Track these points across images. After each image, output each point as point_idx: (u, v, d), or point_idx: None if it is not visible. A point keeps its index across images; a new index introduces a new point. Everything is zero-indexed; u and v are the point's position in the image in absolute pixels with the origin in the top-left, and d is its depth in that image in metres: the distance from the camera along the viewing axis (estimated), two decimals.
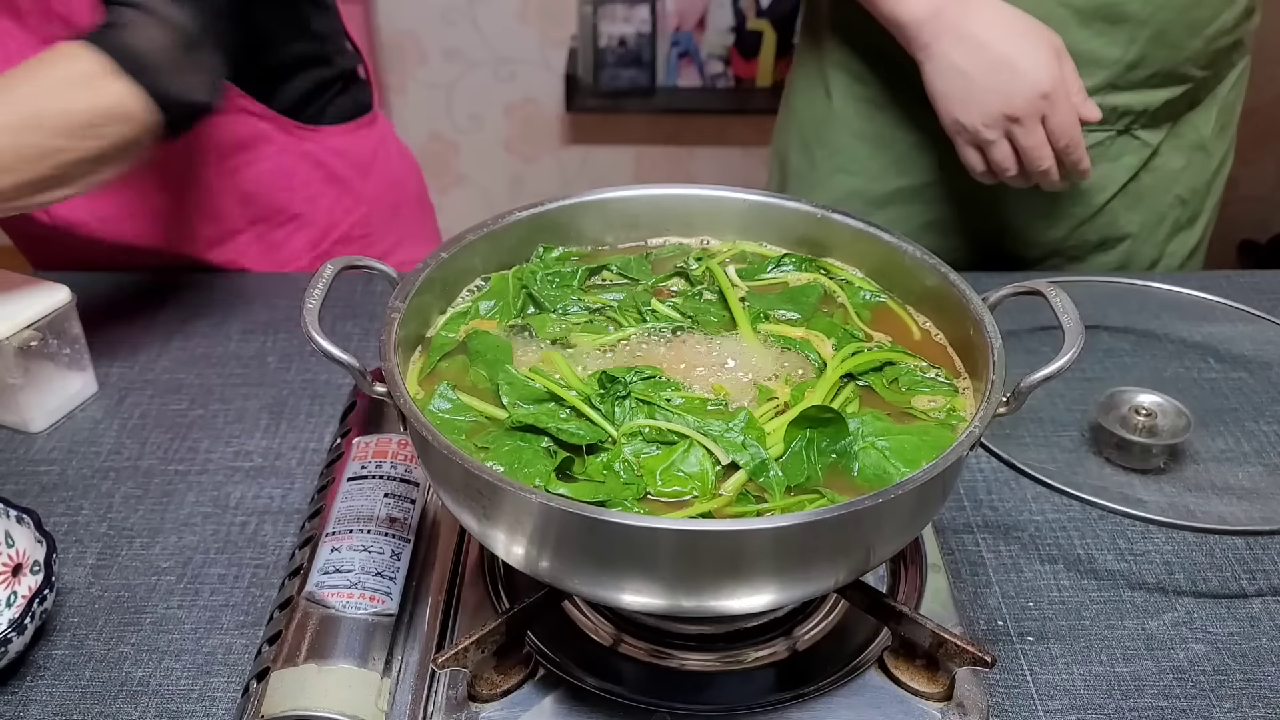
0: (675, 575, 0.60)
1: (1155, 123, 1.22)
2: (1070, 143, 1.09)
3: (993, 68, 1.06)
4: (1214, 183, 1.32)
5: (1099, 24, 1.13)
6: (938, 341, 0.77)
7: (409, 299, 0.71)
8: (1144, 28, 1.13)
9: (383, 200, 1.32)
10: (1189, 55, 1.16)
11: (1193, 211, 1.31)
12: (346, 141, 1.28)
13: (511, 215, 0.81)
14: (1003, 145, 1.09)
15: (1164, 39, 1.14)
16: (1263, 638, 0.79)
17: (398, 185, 1.36)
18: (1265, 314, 1.05)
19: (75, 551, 0.86)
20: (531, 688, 0.69)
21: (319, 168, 1.25)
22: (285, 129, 1.21)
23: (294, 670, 0.68)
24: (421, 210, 1.42)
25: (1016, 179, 1.13)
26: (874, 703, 0.68)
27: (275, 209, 1.24)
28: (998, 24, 1.08)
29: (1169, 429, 0.94)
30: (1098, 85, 1.16)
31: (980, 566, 0.85)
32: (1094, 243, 1.29)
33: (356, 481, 0.81)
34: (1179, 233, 1.31)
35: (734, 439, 0.65)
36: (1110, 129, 1.20)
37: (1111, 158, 1.22)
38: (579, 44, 2.60)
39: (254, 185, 1.21)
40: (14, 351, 0.94)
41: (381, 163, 1.33)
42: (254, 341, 1.11)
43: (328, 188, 1.27)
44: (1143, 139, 1.22)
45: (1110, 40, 1.14)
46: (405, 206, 1.37)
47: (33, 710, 0.74)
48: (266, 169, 1.21)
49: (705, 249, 0.85)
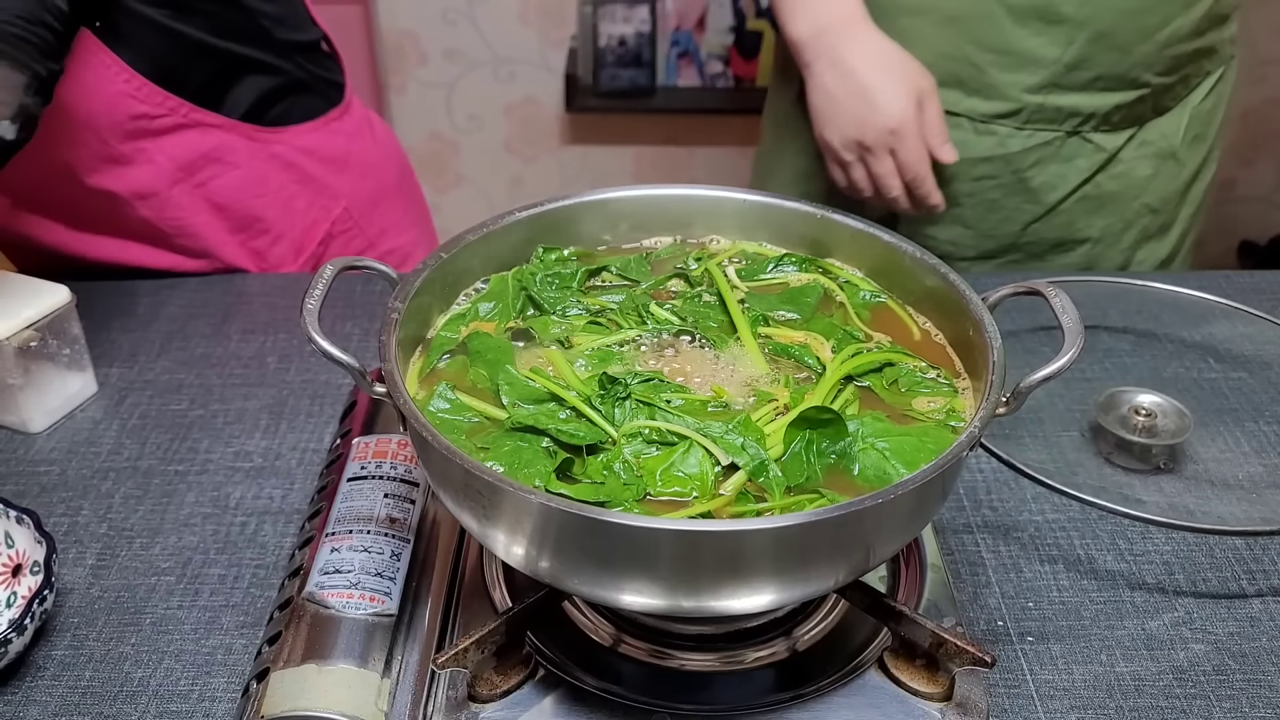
0: (675, 575, 0.60)
1: (1111, 127, 1.22)
2: (915, 178, 1.15)
3: (854, 96, 1.12)
4: (1189, 193, 1.32)
5: (1035, 23, 1.14)
6: (937, 342, 0.77)
7: (409, 300, 0.71)
8: (1082, 29, 1.14)
9: (361, 192, 1.30)
10: (1140, 60, 1.16)
11: (1164, 221, 1.31)
12: (316, 139, 1.25)
13: (511, 215, 0.81)
14: (858, 168, 1.17)
15: (1107, 41, 1.14)
16: (1263, 638, 0.79)
17: (376, 174, 1.32)
18: (1265, 314, 1.04)
19: (75, 552, 0.86)
20: (531, 688, 0.69)
21: (289, 169, 1.22)
22: (247, 135, 1.18)
23: (294, 670, 0.68)
24: (404, 195, 1.39)
25: (873, 200, 1.19)
26: (874, 703, 0.68)
27: (252, 217, 1.22)
28: (870, 57, 1.14)
29: (1169, 429, 0.94)
30: (1039, 84, 1.17)
31: (980, 566, 0.85)
32: (1051, 241, 1.29)
33: (356, 482, 0.81)
34: (1148, 241, 1.32)
35: (733, 440, 0.65)
36: (1057, 129, 1.21)
37: (1063, 159, 1.23)
38: (579, 44, 2.60)
39: (225, 196, 1.19)
40: (14, 351, 0.94)
41: (357, 155, 1.30)
42: (254, 341, 1.11)
43: (302, 189, 1.24)
44: (1096, 142, 1.23)
45: (1049, 40, 1.14)
46: (386, 195, 1.34)
47: (33, 710, 0.74)
48: (235, 178, 1.18)
49: (705, 249, 0.85)
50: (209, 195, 1.18)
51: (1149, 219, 1.30)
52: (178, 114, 1.11)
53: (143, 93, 1.07)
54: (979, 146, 1.23)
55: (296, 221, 1.25)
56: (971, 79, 1.19)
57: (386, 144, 1.37)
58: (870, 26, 1.16)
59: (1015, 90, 1.18)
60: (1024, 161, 1.23)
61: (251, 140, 1.18)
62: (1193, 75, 1.24)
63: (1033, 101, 1.19)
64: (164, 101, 1.09)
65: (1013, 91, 1.18)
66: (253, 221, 1.22)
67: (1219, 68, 1.27)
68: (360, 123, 1.32)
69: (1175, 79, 1.22)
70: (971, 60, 1.18)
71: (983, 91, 1.20)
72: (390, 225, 1.35)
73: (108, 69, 1.04)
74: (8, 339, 0.93)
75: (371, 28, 2.58)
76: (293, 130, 1.22)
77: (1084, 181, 1.25)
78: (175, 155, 1.13)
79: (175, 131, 1.12)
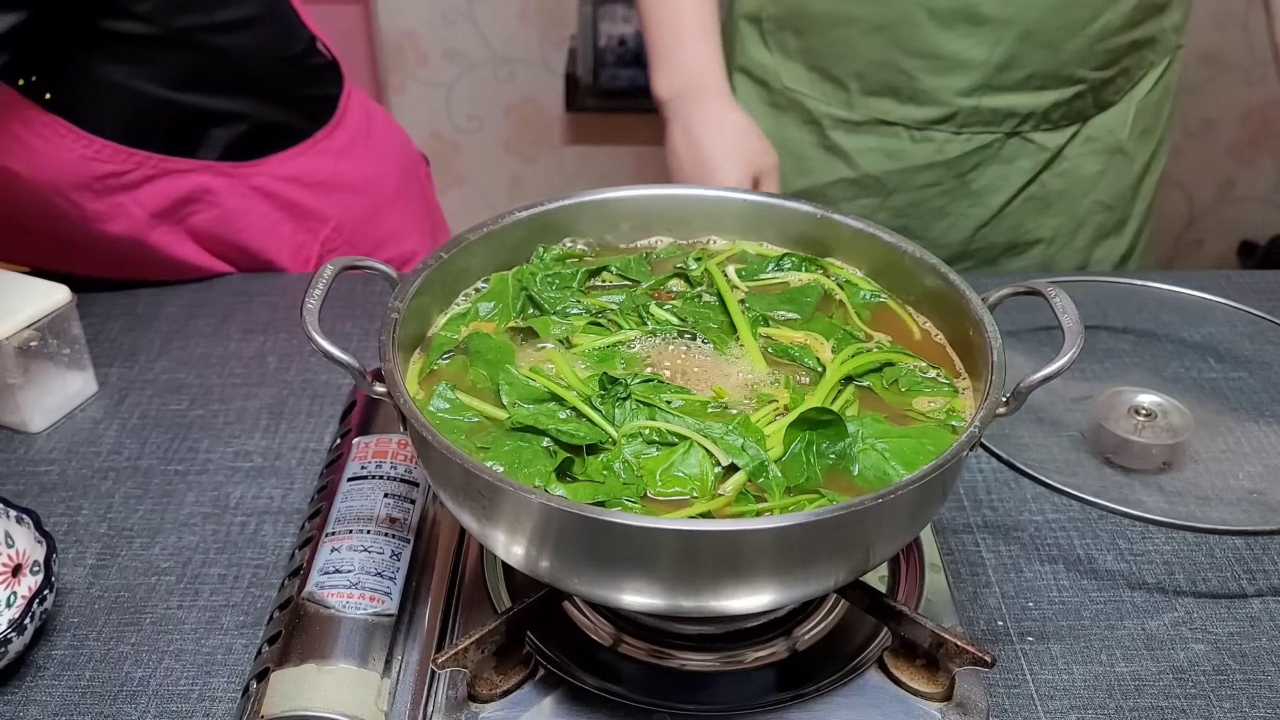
0: (675, 575, 0.60)
1: (1051, 125, 1.21)
2: None
3: (696, 163, 1.14)
4: (1141, 187, 1.31)
5: (960, 25, 1.13)
6: (937, 342, 0.77)
7: (409, 299, 0.71)
8: (1007, 28, 1.13)
9: (353, 210, 1.25)
10: (1072, 56, 1.16)
11: (1119, 217, 1.31)
12: (299, 165, 1.20)
13: (511, 215, 0.81)
14: None
15: (1035, 39, 1.14)
16: (1263, 638, 0.79)
17: (370, 189, 1.27)
18: (1265, 314, 1.04)
19: (75, 552, 0.86)
20: (531, 688, 0.69)
21: (271, 199, 1.18)
22: (224, 172, 1.14)
23: (294, 670, 0.68)
24: (405, 201, 1.33)
25: None
26: (874, 703, 0.68)
27: (237, 248, 1.19)
28: (717, 128, 1.15)
29: (1169, 429, 0.94)
30: (971, 87, 1.16)
31: (980, 566, 0.85)
32: (1002, 245, 1.29)
33: (356, 482, 0.81)
34: (1105, 239, 1.31)
35: (733, 441, 0.65)
36: (996, 131, 1.20)
37: (1004, 160, 1.23)
38: (579, 44, 2.60)
39: (208, 230, 1.16)
40: (14, 351, 0.94)
41: (347, 173, 1.24)
42: (254, 341, 1.10)
43: (286, 215, 1.20)
44: (1038, 142, 1.22)
45: (975, 41, 1.14)
46: (383, 205, 1.29)
47: (33, 710, 0.74)
48: (215, 215, 1.15)
49: (705, 249, 0.85)
50: (191, 230, 1.15)
51: (1103, 216, 1.29)
52: (147, 165, 1.08)
53: (105, 154, 1.05)
54: (918, 154, 1.22)
55: (284, 246, 1.22)
56: (904, 86, 1.19)
57: (385, 150, 1.31)
58: (724, 99, 1.17)
59: (948, 94, 1.18)
60: (965, 165, 1.23)
61: (229, 176, 1.14)
62: (1134, 68, 1.22)
63: (966, 105, 1.18)
64: (130, 157, 1.06)
65: (945, 96, 1.18)
66: (238, 251, 1.20)
67: (1164, 58, 1.25)
68: (354, 134, 1.26)
69: (1114, 72, 1.20)
70: (901, 67, 1.17)
71: (916, 98, 1.19)
72: (388, 235, 1.30)
73: (62, 139, 1.02)
74: (8, 339, 0.93)
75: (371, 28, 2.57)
76: (273, 160, 1.17)
77: (1029, 182, 1.24)
78: (150, 205, 1.11)
79: (148, 182, 1.09)
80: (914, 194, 1.24)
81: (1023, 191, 1.25)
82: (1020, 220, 1.27)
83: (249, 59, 1.11)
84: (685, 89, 1.17)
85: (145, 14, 1.01)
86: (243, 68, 1.11)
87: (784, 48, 1.24)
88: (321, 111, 1.22)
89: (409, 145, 1.38)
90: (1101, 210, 1.29)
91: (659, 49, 1.19)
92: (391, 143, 1.33)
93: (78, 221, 1.08)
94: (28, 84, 0.97)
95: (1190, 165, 2.50)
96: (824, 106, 1.23)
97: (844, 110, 1.22)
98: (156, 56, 1.04)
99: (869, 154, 1.23)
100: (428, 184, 1.42)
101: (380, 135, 1.31)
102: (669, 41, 1.18)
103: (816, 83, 1.23)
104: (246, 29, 1.10)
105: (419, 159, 1.40)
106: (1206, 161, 2.54)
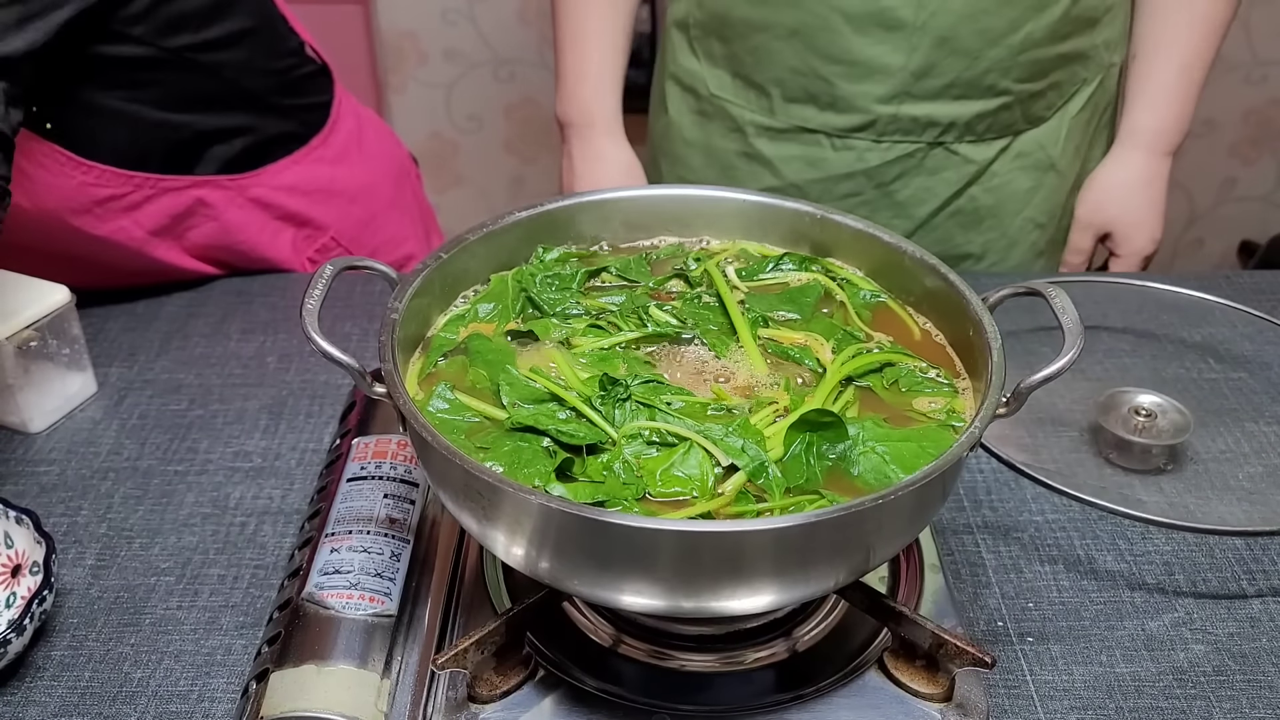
0: (675, 576, 0.60)
1: (977, 137, 1.19)
2: None
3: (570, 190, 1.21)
4: (1068, 203, 1.29)
5: (875, 31, 1.12)
6: (937, 342, 0.77)
7: (408, 300, 0.71)
8: (922, 34, 1.11)
9: (349, 218, 1.26)
10: (993, 66, 1.14)
11: (1052, 235, 1.29)
12: (296, 174, 1.20)
13: (511, 215, 0.81)
14: None
15: (950, 46, 1.12)
16: (1263, 638, 0.79)
17: (365, 196, 1.28)
18: (1265, 314, 1.04)
19: (75, 552, 0.86)
20: (531, 689, 0.69)
21: (268, 209, 1.19)
22: (221, 186, 1.14)
23: (293, 671, 0.68)
24: (400, 207, 1.34)
25: None
26: (874, 703, 0.68)
27: (238, 254, 1.19)
28: (597, 164, 1.26)
29: (1169, 429, 0.94)
30: (889, 94, 1.15)
31: (980, 567, 0.85)
32: None
33: (356, 482, 0.81)
34: (1040, 258, 1.30)
35: (733, 443, 0.65)
36: (917, 140, 1.19)
37: (928, 171, 1.21)
38: None
39: (208, 240, 1.16)
40: (14, 351, 0.94)
41: (343, 179, 1.25)
42: (254, 341, 1.10)
43: (284, 225, 1.21)
44: (963, 154, 1.20)
45: (891, 47, 1.13)
46: (379, 212, 1.30)
47: (32, 711, 0.74)
48: (213, 228, 1.16)
49: (704, 249, 0.85)
50: (190, 243, 1.16)
51: (1036, 234, 1.28)
52: (146, 186, 1.08)
53: (104, 179, 1.05)
54: (839, 163, 1.21)
55: (283, 255, 1.22)
56: (822, 93, 1.18)
57: (379, 155, 1.32)
58: (608, 136, 1.25)
59: (866, 101, 1.16)
60: (886, 175, 1.21)
61: (227, 189, 1.15)
62: (1065, 83, 1.20)
63: (885, 112, 1.17)
64: (129, 180, 1.07)
65: (864, 103, 1.16)
66: (237, 256, 1.20)
67: (1096, 75, 1.23)
68: (348, 141, 1.26)
69: (1043, 85, 1.18)
70: (820, 74, 1.16)
71: (835, 105, 1.18)
72: (384, 243, 1.31)
73: (62, 167, 1.02)
74: (8, 339, 0.93)
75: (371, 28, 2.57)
76: (270, 170, 1.18)
77: (955, 195, 1.23)
78: (149, 223, 1.11)
79: (148, 202, 1.10)
80: (835, 203, 1.22)
81: (949, 204, 1.24)
82: (948, 234, 1.26)
83: (242, 74, 1.12)
84: (577, 120, 1.26)
85: (140, 36, 1.01)
86: (237, 83, 1.12)
87: (710, 54, 1.24)
88: (315, 119, 1.23)
89: (400, 148, 1.39)
90: (1034, 228, 1.27)
91: (561, 75, 1.26)
92: (384, 147, 1.34)
93: (77, 242, 1.08)
94: (28, 115, 0.97)
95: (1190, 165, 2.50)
96: (748, 113, 1.23)
97: (766, 117, 1.22)
98: (152, 79, 1.05)
99: (791, 162, 1.23)
100: (419, 186, 1.43)
101: (372, 140, 1.31)
102: (571, 72, 1.25)
103: (740, 90, 1.22)
104: (238, 43, 1.10)
105: (409, 161, 1.41)
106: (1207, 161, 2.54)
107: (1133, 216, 1.26)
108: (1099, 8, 1.17)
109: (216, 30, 1.07)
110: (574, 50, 1.24)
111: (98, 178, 1.05)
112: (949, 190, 1.23)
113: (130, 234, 1.10)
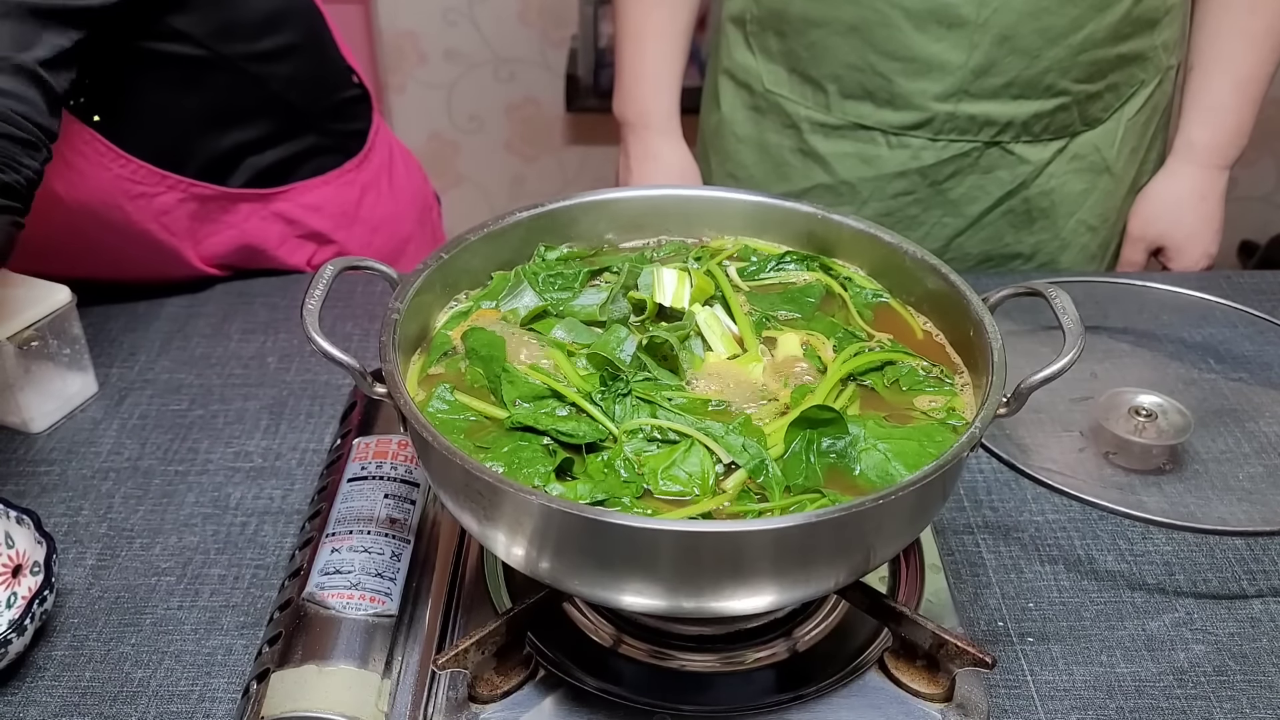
0: (676, 576, 0.60)
1: (1033, 137, 1.19)
2: None
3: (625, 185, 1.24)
4: (1123, 208, 1.29)
5: (935, 28, 1.12)
6: (938, 342, 0.77)
7: (409, 299, 0.71)
8: (984, 32, 1.11)
9: (368, 247, 1.26)
10: (1053, 65, 1.14)
11: (1104, 239, 1.29)
12: (324, 195, 1.21)
13: (512, 215, 0.81)
14: None
15: (1011, 45, 1.12)
16: (1263, 638, 0.79)
17: (388, 227, 1.29)
18: (1265, 314, 1.04)
19: (75, 552, 0.86)
20: (531, 689, 0.69)
21: (291, 225, 1.19)
22: (248, 199, 1.15)
23: (294, 671, 0.68)
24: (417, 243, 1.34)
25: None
26: (874, 704, 0.68)
27: (252, 260, 1.19)
28: (651, 163, 1.28)
29: (1169, 429, 0.94)
30: (947, 91, 1.15)
31: (980, 567, 0.85)
32: (976, 256, 1.28)
33: (356, 482, 0.81)
34: (1091, 261, 1.29)
35: (734, 441, 0.65)
36: (974, 139, 1.19)
37: (982, 170, 1.21)
38: (579, 44, 2.60)
39: (223, 246, 1.17)
40: (14, 351, 0.94)
41: (369, 207, 1.25)
42: (254, 341, 1.10)
43: (304, 242, 1.21)
44: (1018, 154, 1.20)
45: (951, 44, 1.13)
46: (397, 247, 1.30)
47: (33, 711, 0.74)
48: (231, 235, 1.16)
49: (705, 248, 0.85)
50: (204, 249, 1.16)
51: (1088, 237, 1.27)
52: (177, 190, 1.09)
53: (140, 174, 1.05)
54: (893, 161, 1.21)
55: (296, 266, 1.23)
56: (880, 90, 1.17)
57: (406, 189, 1.33)
58: (664, 135, 1.27)
59: (924, 99, 1.16)
60: (940, 174, 1.21)
61: (253, 201, 1.16)
62: (1123, 84, 1.20)
63: (943, 110, 1.17)
64: (163, 180, 1.07)
65: (922, 100, 1.16)
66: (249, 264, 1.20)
67: (1154, 77, 1.23)
68: (379, 170, 1.27)
69: (1100, 87, 1.18)
70: (878, 70, 1.16)
71: (892, 102, 1.18)
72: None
73: (102, 157, 1.03)
74: (9, 339, 0.93)
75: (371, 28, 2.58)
76: (299, 187, 1.19)
77: (1008, 194, 1.23)
78: (173, 226, 1.11)
79: (176, 206, 1.10)
80: (888, 203, 1.23)
81: (1002, 204, 1.23)
82: (998, 232, 1.26)
83: (289, 88, 1.13)
84: (634, 120, 1.28)
85: (195, 37, 1.03)
86: (283, 97, 1.13)
87: (766, 50, 1.23)
88: (352, 144, 1.24)
89: (426, 184, 1.40)
90: (1086, 230, 1.27)
91: (621, 74, 1.29)
92: (411, 182, 1.35)
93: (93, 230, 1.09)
94: (77, 105, 0.98)
95: None
96: (803, 109, 1.23)
97: (822, 113, 1.22)
98: (202, 80, 1.06)
99: (845, 159, 1.23)
100: (439, 223, 1.44)
101: (401, 173, 1.33)
102: (629, 72, 1.27)
103: (796, 85, 1.22)
104: (288, 57, 1.12)
105: (433, 199, 1.42)
106: None
107: (1186, 230, 1.26)
108: (1160, 8, 1.17)
109: (268, 43, 1.09)
110: (633, 49, 1.25)
111: (133, 173, 1.05)
112: (1002, 190, 1.23)
113: (150, 231, 1.11)
